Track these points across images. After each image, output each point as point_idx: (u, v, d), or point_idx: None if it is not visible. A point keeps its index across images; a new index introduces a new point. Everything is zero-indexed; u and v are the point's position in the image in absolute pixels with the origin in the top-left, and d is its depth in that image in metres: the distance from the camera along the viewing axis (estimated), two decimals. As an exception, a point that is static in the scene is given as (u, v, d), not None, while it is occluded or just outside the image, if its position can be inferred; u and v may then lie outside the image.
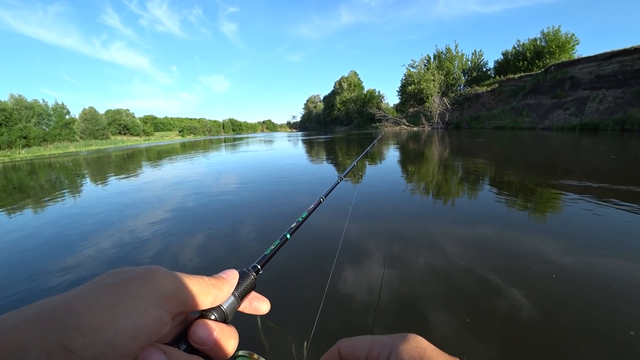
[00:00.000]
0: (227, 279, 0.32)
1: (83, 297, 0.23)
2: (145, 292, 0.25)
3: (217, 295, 0.30)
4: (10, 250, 3.57)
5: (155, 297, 0.25)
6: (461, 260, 2.61)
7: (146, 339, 0.24)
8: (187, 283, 0.28)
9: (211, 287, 0.30)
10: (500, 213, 3.86)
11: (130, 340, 0.23)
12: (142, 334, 0.23)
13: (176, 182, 7.74)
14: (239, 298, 0.33)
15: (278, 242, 0.47)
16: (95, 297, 0.23)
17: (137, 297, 0.24)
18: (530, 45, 39.16)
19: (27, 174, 12.64)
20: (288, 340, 1.75)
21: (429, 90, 45.50)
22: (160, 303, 0.25)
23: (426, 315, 1.93)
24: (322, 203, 0.81)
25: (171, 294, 0.26)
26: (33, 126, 40.93)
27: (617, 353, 1.56)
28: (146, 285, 0.25)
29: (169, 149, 24.79)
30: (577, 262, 2.48)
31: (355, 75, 75.35)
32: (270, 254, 0.43)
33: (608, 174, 5.97)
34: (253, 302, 0.36)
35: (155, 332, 0.25)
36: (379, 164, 9.20)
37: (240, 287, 0.33)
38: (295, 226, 0.57)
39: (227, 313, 0.31)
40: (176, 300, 0.26)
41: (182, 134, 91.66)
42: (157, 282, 0.26)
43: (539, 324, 1.79)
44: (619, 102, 22.68)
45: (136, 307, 0.24)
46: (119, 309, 0.23)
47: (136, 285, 0.25)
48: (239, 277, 0.34)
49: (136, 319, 0.23)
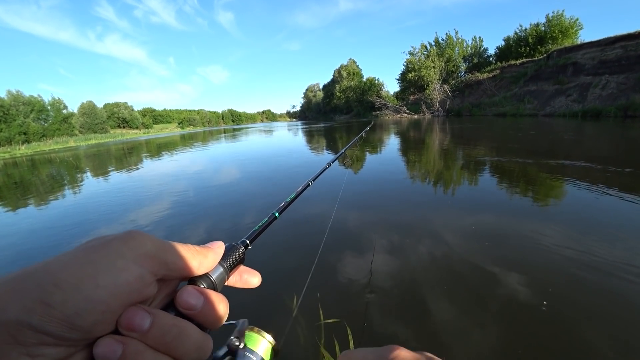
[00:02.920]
0: (211, 247, 0.32)
1: (62, 258, 0.23)
2: (124, 250, 0.25)
3: (202, 261, 0.30)
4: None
5: (135, 255, 0.25)
6: (457, 242, 2.62)
7: (127, 297, 0.24)
8: (168, 246, 0.28)
9: (195, 252, 0.30)
10: (500, 199, 3.86)
11: (111, 296, 0.22)
12: (123, 291, 0.23)
13: (183, 173, 7.77)
14: (227, 269, 0.33)
15: (267, 220, 0.47)
16: (74, 256, 0.23)
17: (115, 254, 0.24)
18: (533, 30, 38.51)
19: (31, 170, 12.67)
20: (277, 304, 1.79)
21: (429, 77, 44.98)
22: (141, 261, 0.25)
23: (419, 296, 1.95)
24: (310, 186, 0.82)
25: (152, 253, 0.26)
26: (32, 122, 40.82)
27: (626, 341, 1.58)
28: (125, 244, 0.25)
29: (169, 142, 24.77)
30: (580, 249, 2.48)
31: (354, 64, 74.48)
32: (258, 230, 0.43)
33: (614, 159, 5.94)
34: (243, 275, 0.36)
35: (137, 290, 0.24)
36: (377, 151, 9.20)
37: (229, 259, 0.33)
38: (284, 205, 0.58)
39: (215, 282, 0.31)
40: (157, 261, 0.26)
41: (182, 125, 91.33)
42: (137, 241, 0.26)
43: (542, 313, 1.80)
44: (622, 88, 22.40)
45: (116, 263, 0.23)
46: (98, 266, 0.23)
47: (115, 244, 0.25)
48: (225, 249, 0.34)
49: (116, 275, 0.23)
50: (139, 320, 0.23)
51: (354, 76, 71.62)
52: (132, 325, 0.23)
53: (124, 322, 0.23)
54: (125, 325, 0.23)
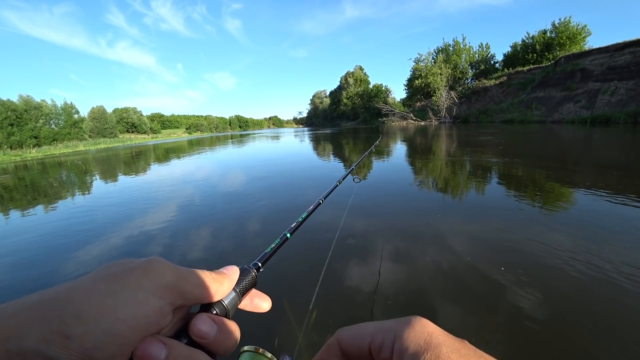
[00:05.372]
0: (227, 274, 0.32)
1: (83, 286, 0.23)
2: (145, 281, 0.25)
3: (218, 289, 0.30)
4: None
5: (156, 287, 0.25)
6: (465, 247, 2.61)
7: (146, 330, 0.24)
8: (187, 275, 0.28)
9: (212, 280, 0.30)
10: (510, 206, 3.83)
11: (130, 329, 0.22)
12: (141, 324, 0.23)
13: (190, 178, 7.84)
14: (240, 294, 0.33)
15: (278, 241, 0.47)
16: (94, 286, 0.23)
17: (137, 286, 0.24)
18: (540, 37, 38.37)
19: (41, 173, 12.89)
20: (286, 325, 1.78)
21: (436, 84, 44.94)
22: (161, 293, 0.25)
23: (426, 297, 1.94)
24: (321, 205, 0.82)
25: (172, 284, 0.26)
26: (43, 126, 41.62)
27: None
28: (146, 275, 0.25)
29: (177, 147, 25.01)
30: (589, 257, 2.45)
31: (360, 70, 74.75)
32: (270, 252, 0.43)
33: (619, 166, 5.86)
34: (254, 299, 0.36)
35: (155, 322, 0.24)
36: (386, 158, 9.17)
37: (241, 283, 0.33)
38: (295, 226, 0.58)
39: (228, 308, 0.31)
40: (176, 291, 0.26)
41: (189, 131, 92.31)
42: (157, 272, 0.26)
43: (551, 324, 1.77)
44: (631, 94, 22.10)
45: (136, 296, 0.23)
46: (119, 298, 0.23)
47: (136, 275, 0.25)
48: (239, 273, 0.34)
49: (136, 308, 0.23)
50: (154, 352, 0.23)
51: (361, 83, 71.85)
52: (148, 358, 0.23)
53: (140, 354, 0.23)
54: (140, 356, 0.23)
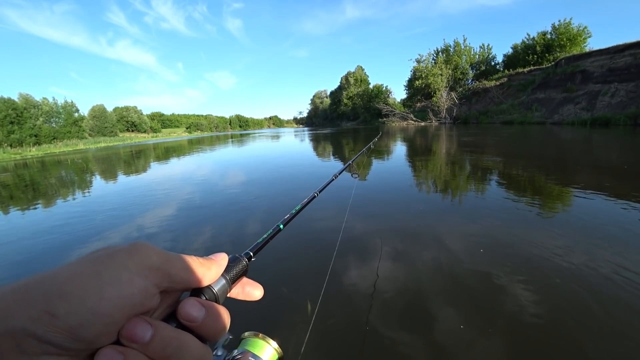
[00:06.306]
0: (215, 260, 0.32)
1: (68, 268, 0.23)
2: (129, 262, 0.25)
3: (205, 273, 0.30)
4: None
5: (140, 268, 0.25)
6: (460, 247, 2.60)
7: (132, 309, 0.24)
8: (173, 258, 0.28)
9: (199, 264, 0.30)
10: (508, 208, 3.82)
11: (115, 308, 0.23)
12: (127, 303, 0.23)
13: (190, 176, 7.85)
14: (230, 281, 0.33)
15: (271, 232, 0.47)
16: (79, 268, 0.23)
17: (121, 267, 0.24)
18: (540, 38, 38.38)
19: (41, 172, 12.89)
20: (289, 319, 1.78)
21: (436, 84, 44.95)
22: (146, 274, 0.25)
23: (425, 301, 1.93)
24: (316, 197, 0.81)
25: (157, 266, 0.26)
26: (43, 124, 41.54)
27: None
28: (130, 257, 0.25)
29: (177, 146, 24.99)
30: (588, 258, 2.45)
31: (361, 70, 74.77)
32: (262, 242, 0.43)
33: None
34: (246, 287, 0.36)
35: (140, 303, 0.25)
36: (385, 158, 9.17)
37: (231, 271, 0.33)
38: (289, 217, 0.57)
39: (217, 294, 0.31)
40: (161, 273, 0.27)
41: (189, 130, 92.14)
42: (142, 254, 0.26)
43: (551, 326, 1.77)
44: (631, 95, 22.12)
45: (120, 275, 0.24)
46: (104, 278, 0.23)
47: (120, 256, 0.25)
48: (229, 261, 0.34)
49: (121, 287, 0.23)
50: (140, 332, 0.24)
51: (361, 83, 71.89)
52: (134, 337, 0.23)
53: (126, 333, 0.23)
54: (126, 336, 0.23)
